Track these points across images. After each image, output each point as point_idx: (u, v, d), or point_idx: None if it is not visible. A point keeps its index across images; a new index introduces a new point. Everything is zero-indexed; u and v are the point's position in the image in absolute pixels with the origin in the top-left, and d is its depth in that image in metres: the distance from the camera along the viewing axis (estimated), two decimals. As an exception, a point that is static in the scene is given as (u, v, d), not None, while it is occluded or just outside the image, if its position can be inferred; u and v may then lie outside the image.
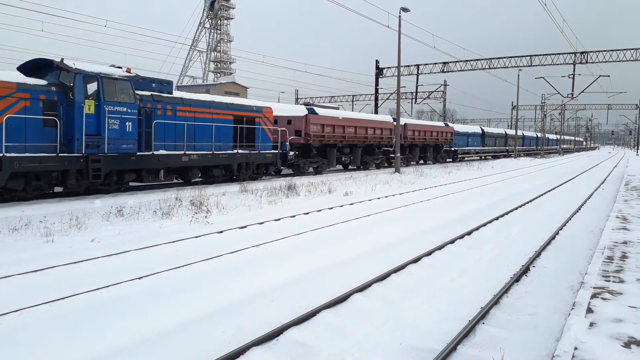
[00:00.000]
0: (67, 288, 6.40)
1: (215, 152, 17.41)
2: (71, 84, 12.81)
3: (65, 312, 5.74)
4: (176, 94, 16.91)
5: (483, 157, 52.88)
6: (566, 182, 25.58)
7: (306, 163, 24.40)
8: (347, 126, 26.65)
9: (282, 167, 22.17)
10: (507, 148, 59.15)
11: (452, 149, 43.71)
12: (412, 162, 36.63)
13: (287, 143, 21.76)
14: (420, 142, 36.53)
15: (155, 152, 15.25)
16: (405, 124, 33.45)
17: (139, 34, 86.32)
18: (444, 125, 42.72)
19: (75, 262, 7.55)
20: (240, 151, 18.66)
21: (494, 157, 54.09)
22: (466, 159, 47.72)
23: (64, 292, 6.21)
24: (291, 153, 22.03)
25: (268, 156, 20.35)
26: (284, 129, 21.92)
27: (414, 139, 35.08)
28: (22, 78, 12.44)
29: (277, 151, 20.81)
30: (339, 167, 29.53)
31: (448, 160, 43.19)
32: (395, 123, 30.05)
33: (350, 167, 30.06)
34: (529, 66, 39.83)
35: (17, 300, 5.89)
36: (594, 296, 5.94)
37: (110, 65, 14.69)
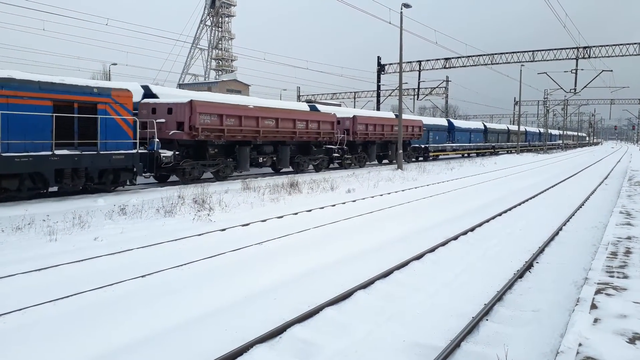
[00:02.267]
0: (70, 287, 6.41)
1: (4, 154, 11.68)
2: None
3: (69, 310, 5.75)
4: None
5: (466, 155, 47.90)
6: (569, 177, 25.50)
7: (195, 167, 17.89)
8: (264, 118, 20.30)
9: (150, 174, 16.16)
10: (494, 144, 53.19)
11: (423, 145, 37.44)
12: (367, 163, 30.43)
13: (156, 140, 15.85)
14: (378, 138, 30.16)
15: None
16: (353, 117, 27.72)
17: (141, 32, 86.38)
18: (409, 118, 36.28)
19: (78, 261, 7.56)
20: (61, 152, 12.84)
21: (478, 155, 49.19)
22: (441, 157, 42.16)
23: (67, 291, 6.22)
24: (167, 153, 16.21)
25: (117, 159, 14.21)
26: (162, 120, 16.79)
27: (366, 135, 28.70)
28: None
29: (134, 151, 14.68)
30: (268, 169, 23.68)
31: (420, 159, 37.61)
32: (333, 114, 25.70)
33: (282, 169, 23.80)
34: (531, 61, 39.74)
35: (21, 299, 5.91)
36: (598, 292, 5.92)
37: None
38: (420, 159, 38.00)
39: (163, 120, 16.99)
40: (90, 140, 13.78)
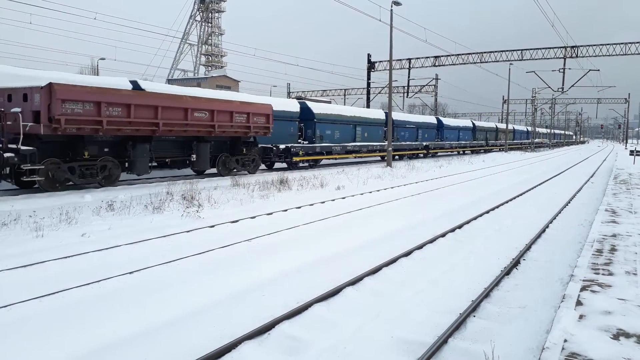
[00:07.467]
0: (57, 283, 6.35)
1: None
2: None
3: (55, 307, 5.70)
4: None
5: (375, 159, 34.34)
6: (556, 175, 25.76)
7: None
8: None
9: None
10: (428, 144, 39.31)
11: (283, 146, 22.94)
12: (125, 175, 15.81)
13: None
14: (167, 132, 16.10)
15: None
16: (49, 86, 12.73)
17: (129, 27, 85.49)
18: (246, 100, 20.18)
19: (65, 257, 7.49)
20: None
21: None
22: (300, 165, 24.43)
23: (54, 287, 6.16)
24: None
25: None
26: None
27: (98, 125, 13.82)
28: None
29: None
30: None
31: (262, 167, 23.01)
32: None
33: None
34: (519, 60, 40.02)
35: (6, 296, 5.84)
36: (583, 289, 5.99)
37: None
38: (262, 167, 23.09)
39: None
40: None
